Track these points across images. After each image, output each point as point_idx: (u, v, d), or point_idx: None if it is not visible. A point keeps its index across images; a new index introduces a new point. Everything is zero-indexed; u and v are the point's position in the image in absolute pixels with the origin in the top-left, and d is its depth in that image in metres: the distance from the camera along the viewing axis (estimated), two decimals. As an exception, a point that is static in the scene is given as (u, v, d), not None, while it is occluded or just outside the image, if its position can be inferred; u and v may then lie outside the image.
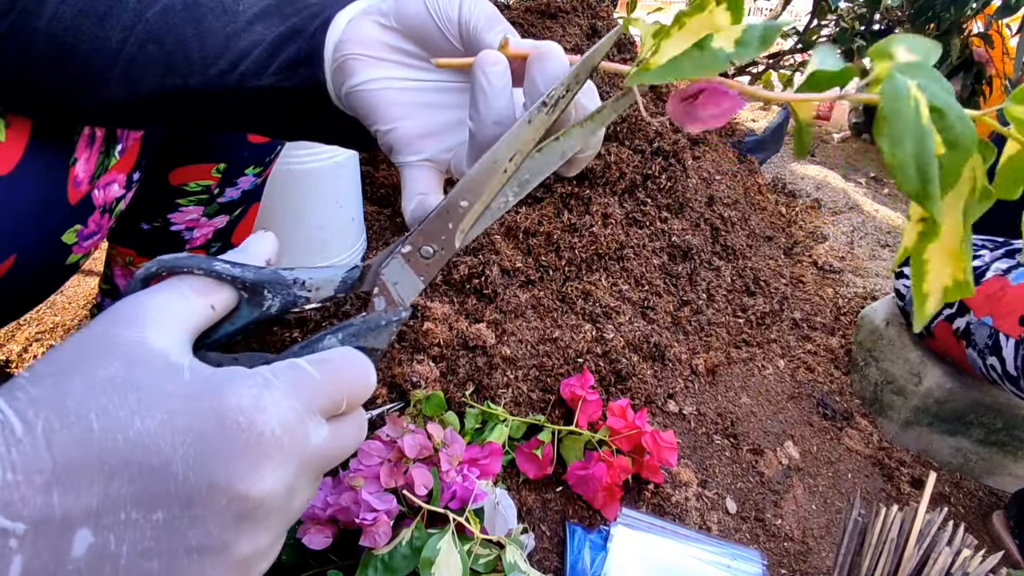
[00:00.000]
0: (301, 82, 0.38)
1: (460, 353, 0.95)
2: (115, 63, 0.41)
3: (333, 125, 0.42)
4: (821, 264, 1.47)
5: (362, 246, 1.04)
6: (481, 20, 0.34)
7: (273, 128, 0.44)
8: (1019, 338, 0.86)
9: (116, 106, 0.43)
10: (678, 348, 1.08)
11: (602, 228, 1.06)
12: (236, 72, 0.39)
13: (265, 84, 0.38)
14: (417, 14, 0.35)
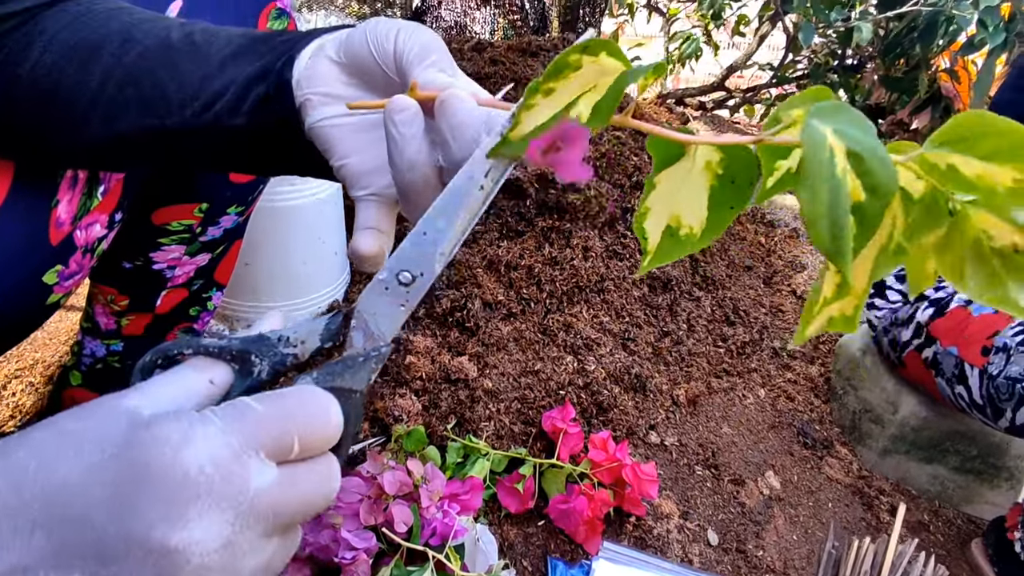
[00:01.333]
0: (274, 119, 0.39)
1: (442, 386, 0.96)
2: (96, 104, 0.42)
3: (309, 159, 0.41)
4: (800, 293, 1.49)
5: (345, 280, 1.05)
6: (413, 53, 0.34)
7: (252, 165, 0.45)
8: (982, 368, 0.88)
9: (96, 146, 0.44)
10: (659, 379, 1.09)
11: (582, 261, 1.07)
12: (211, 112, 0.40)
13: (239, 123, 0.39)
14: (360, 49, 0.36)
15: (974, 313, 0.94)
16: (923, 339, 1.00)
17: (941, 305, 0.99)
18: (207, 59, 0.40)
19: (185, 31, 0.42)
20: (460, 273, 1.03)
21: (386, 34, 0.35)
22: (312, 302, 0.98)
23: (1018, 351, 0.84)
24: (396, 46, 0.35)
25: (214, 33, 0.42)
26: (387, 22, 0.37)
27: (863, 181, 0.24)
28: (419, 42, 0.35)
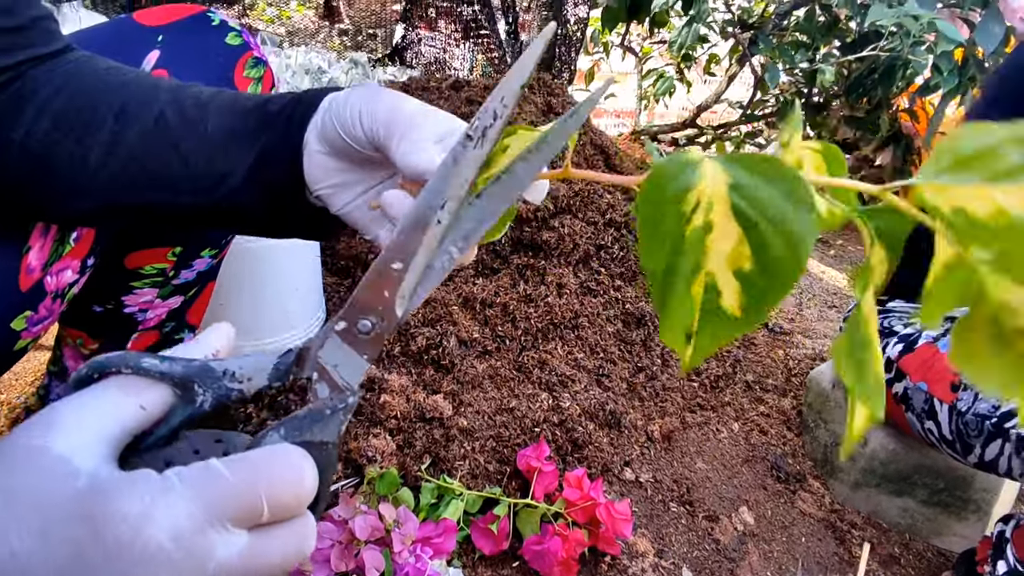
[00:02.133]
0: (289, 202, 0.42)
1: (417, 425, 0.96)
2: (96, 178, 0.43)
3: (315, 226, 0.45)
4: (772, 326, 1.52)
5: (321, 317, 1.05)
6: (381, 135, 0.36)
7: (258, 231, 0.47)
8: (951, 404, 0.90)
9: (91, 214, 0.46)
10: (634, 415, 1.10)
11: (557, 298, 1.09)
12: (220, 191, 0.42)
13: (251, 201, 0.42)
14: (335, 138, 0.38)
15: (942, 349, 0.97)
16: (893, 374, 1.03)
17: (910, 341, 1.02)
18: (206, 138, 0.42)
19: (177, 103, 0.44)
20: (435, 311, 1.04)
21: (350, 120, 0.37)
22: (287, 340, 0.98)
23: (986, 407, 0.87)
24: (364, 131, 0.37)
25: (204, 105, 0.44)
26: (343, 102, 0.39)
27: (756, 254, 0.21)
28: (382, 122, 0.36)
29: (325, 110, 0.40)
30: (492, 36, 2.06)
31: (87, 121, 0.42)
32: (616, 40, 2.17)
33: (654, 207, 0.22)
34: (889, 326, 1.08)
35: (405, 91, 1.57)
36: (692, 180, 0.22)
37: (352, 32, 3.18)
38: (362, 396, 0.96)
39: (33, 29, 0.45)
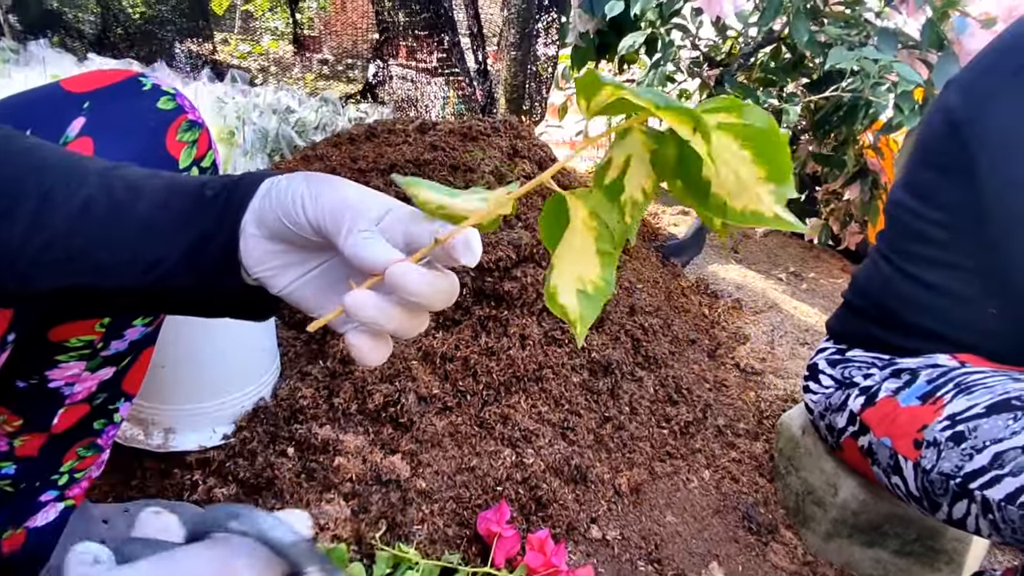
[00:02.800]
0: (224, 286, 0.42)
1: (373, 488, 0.92)
2: (15, 263, 0.41)
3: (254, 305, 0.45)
4: (743, 366, 1.51)
5: (274, 375, 1.01)
6: (328, 225, 0.37)
7: (192, 312, 0.46)
8: (915, 461, 0.88)
9: (9, 297, 0.44)
10: (600, 468, 1.07)
11: (520, 350, 1.06)
12: (150, 276, 0.41)
13: (186, 283, 0.41)
14: (277, 226, 0.39)
15: (901, 404, 0.94)
16: (857, 427, 1.00)
17: (871, 394, 1.00)
18: (138, 222, 0.42)
19: (107, 186, 0.43)
20: (394, 366, 1.01)
21: (293, 208, 0.38)
22: (235, 401, 0.94)
23: (947, 446, 0.84)
24: (308, 219, 0.38)
25: (135, 188, 0.43)
26: (284, 189, 0.40)
27: None
28: (327, 212, 0.37)
29: (263, 195, 0.41)
30: (463, 73, 2.06)
31: (7, 204, 0.40)
32: (587, 77, 2.18)
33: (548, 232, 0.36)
34: (850, 376, 1.06)
35: (371, 133, 1.56)
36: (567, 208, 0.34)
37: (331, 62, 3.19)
38: (314, 458, 0.93)
39: None
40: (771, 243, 2.41)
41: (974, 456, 0.80)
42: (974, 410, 0.83)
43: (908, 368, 0.97)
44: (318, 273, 0.42)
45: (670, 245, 1.76)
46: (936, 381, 0.91)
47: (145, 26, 2.38)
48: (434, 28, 1.97)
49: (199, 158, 0.69)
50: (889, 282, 1.01)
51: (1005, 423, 0.79)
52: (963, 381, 0.88)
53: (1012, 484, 0.75)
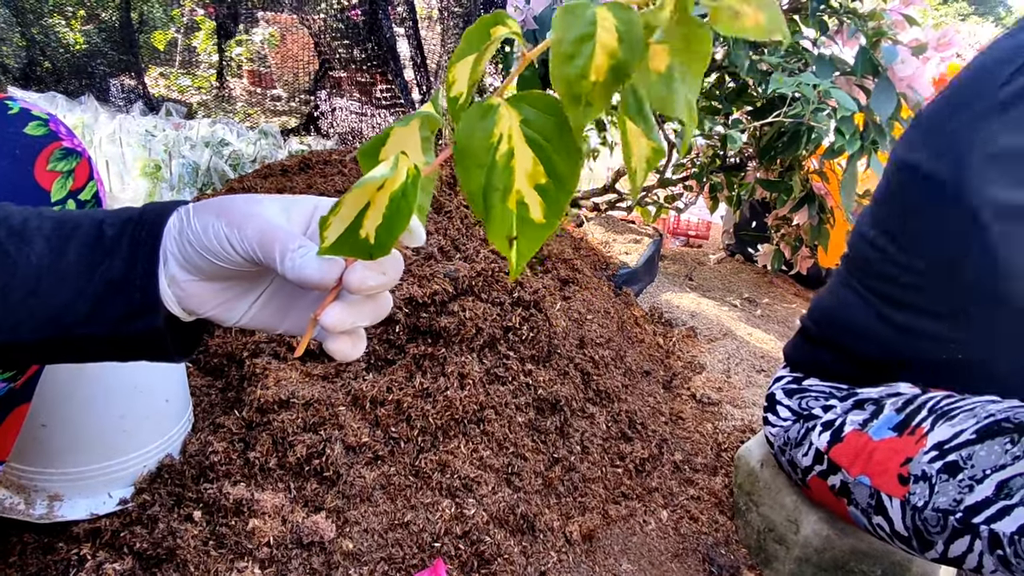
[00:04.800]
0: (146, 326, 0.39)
1: (293, 553, 0.82)
2: None
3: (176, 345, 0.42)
4: (699, 397, 1.46)
5: (184, 427, 0.91)
6: (259, 253, 0.37)
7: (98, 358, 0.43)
8: (903, 498, 0.82)
9: None
10: (549, 515, 0.99)
11: (459, 390, 0.99)
12: (52, 329, 0.39)
13: (96, 332, 0.39)
14: (209, 266, 0.38)
15: (874, 438, 0.89)
16: (826, 466, 0.95)
17: (835, 429, 0.94)
18: (32, 276, 0.38)
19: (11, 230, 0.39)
20: (318, 413, 0.92)
21: (219, 245, 0.37)
22: (135, 460, 0.84)
23: (940, 479, 0.78)
24: (239, 253, 0.37)
25: (20, 233, 0.39)
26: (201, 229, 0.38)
27: (546, 162, 0.30)
28: (255, 242, 0.37)
29: (178, 236, 0.39)
30: (407, 104, 2.02)
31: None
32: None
33: (467, 142, 0.30)
34: (808, 408, 1.02)
35: (305, 164, 1.49)
36: (493, 119, 0.30)
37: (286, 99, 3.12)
38: (225, 522, 0.83)
39: None
40: (725, 270, 2.40)
41: (975, 487, 0.74)
42: (963, 436, 0.77)
43: (870, 398, 0.93)
44: (268, 295, 0.43)
45: (622, 274, 1.72)
46: (906, 409, 0.86)
47: (75, 60, 2.28)
48: (376, 59, 1.93)
49: (76, 190, 0.61)
50: (852, 315, 0.97)
51: (1003, 448, 0.73)
52: (937, 407, 0.83)
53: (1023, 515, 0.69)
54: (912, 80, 1.48)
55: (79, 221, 0.40)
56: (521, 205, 0.30)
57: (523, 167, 0.30)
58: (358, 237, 0.32)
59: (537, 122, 0.30)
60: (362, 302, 0.37)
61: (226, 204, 0.39)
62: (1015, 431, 0.74)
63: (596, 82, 0.28)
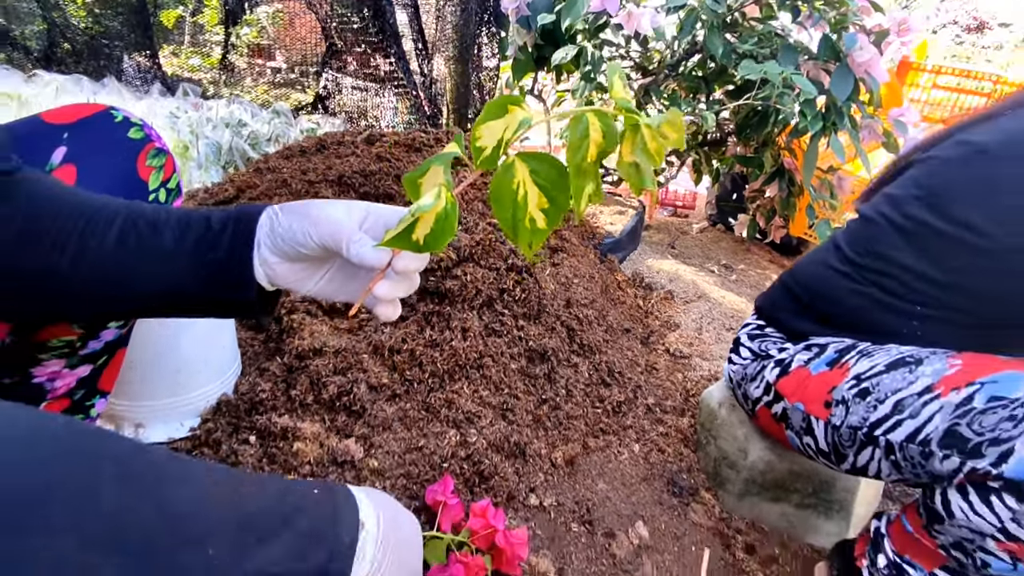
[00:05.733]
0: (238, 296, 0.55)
1: (330, 469, 1.02)
2: (64, 289, 0.53)
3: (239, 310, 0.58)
4: (672, 351, 1.66)
5: (236, 371, 1.10)
6: (332, 241, 0.52)
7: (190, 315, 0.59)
8: (826, 420, 1.01)
9: (56, 315, 0.59)
10: (538, 444, 1.19)
11: (462, 341, 1.18)
12: (174, 297, 0.55)
13: (200, 302, 0.55)
14: (295, 253, 0.54)
15: (812, 372, 1.07)
16: (772, 396, 1.14)
17: (784, 365, 1.13)
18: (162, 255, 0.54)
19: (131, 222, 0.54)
20: (346, 360, 1.11)
21: (302, 239, 0.53)
22: (199, 396, 1.03)
23: (854, 402, 0.97)
24: (316, 243, 0.52)
25: (153, 223, 0.55)
26: (288, 226, 0.53)
27: (549, 196, 0.48)
28: (328, 235, 0.52)
29: (269, 231, 0.54)
30: (409, 85, 2.16)
31: (51, 241, 0.51)
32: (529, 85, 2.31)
33: (498, 190, 0.48)
34: (765, 350, 1.20)
35: (321, 145, 1.65)
36: (512, 173, 0.47)
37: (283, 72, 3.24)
38: (275, 445, 1.02)
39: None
40: (706, 238, 2.58)
41: (878, 407, 0.91)
42: (875, 368, 0.95)
43: (818, 343, 1.11)
44: (331, 273, 0.58)
45: (607, 242, 1.90)
46: (842, 350, 1.05)
47: (92, 41, 2.41)
48: (380, 42, 2.07)
49: (165, 180, 0.78)
50: (840, 294, 1.06)
51: (902, 375, 0.91)
52: (865, 349, 1.02)
53: (911, 425, 0.87)
54: (868, 66, 1.64)
55: (193, 217, 0.56)
56: (532, 222, 0.48)
57: (533, 201, 0.47)
58: (411, 239, 0.49)
59: (541, 171, 0.47)
60: (402, 279, 0.53)
61: (306, 207, 0.55)
62: (914, 363, 0.93)
63: (590, 162, 0.47)
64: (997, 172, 0.87)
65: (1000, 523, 0.76)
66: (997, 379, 0.81)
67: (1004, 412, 0.77)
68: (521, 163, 0.47)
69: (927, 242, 0.95)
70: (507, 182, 0.47)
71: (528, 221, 0.48)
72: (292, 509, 0.50)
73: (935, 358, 0.91)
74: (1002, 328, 0.92)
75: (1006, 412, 0.77)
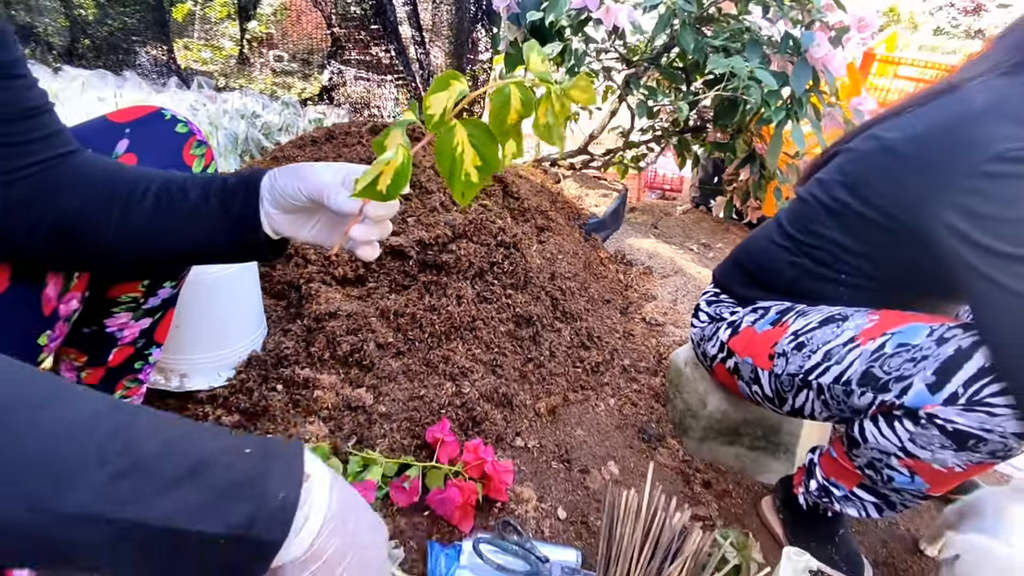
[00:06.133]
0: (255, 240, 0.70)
1: (345, 413, 1.20)
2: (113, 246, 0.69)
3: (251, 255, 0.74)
4: (648, 320, 1.83)
5: (263, 332, 1.28)
6: (316, 195, 0.64)
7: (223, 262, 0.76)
8: (770, 370, 1.18)
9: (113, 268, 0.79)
10: (523, 396, 1.38)
11: (457, 306, 1.36)
12: (207, 247, 0.71)
13: (228, 249, 0.70)
14: (287, 204, 0.67)
15: (758, 331, 1.25)
16: (725, 353, 1.32)
17: (735, 326, 1.31)
18: (193, 212, 0.69)
19: (165, 187, 0.70)
20: (356, 322, 1.29)
21: (293, 193, 0.66)
22: (233, 352, 1.21)
23: (792, 354, 1.14)
24: (305, 196, 0.65)
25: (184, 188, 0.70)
26: (283, 185, 0.67)
27: (481, 155, 0.59)
28: (315, 189, 0.64)
29: (269, 188, 0.68)
30: (408, 76, 2.32)
31: (104, 203, 0.67)
32: (521, 77, 2.47)
33: (441, 149, 0.58)
34: (719, 313, 1.38)
35: (330, 137, 1.82)
36: (453, 134, 0.58)
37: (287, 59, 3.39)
38: (298, 393, 1.21)
39: (56, 137, 0.69)
40: (688, 219, 2.75)
41: (811, 356, 1.09)
42: (810, 325, 1.12)
43: (763, 307, 1.29)
44: (321, 223, 0.70)
45: (592, 223, 2.07)
46: (782, 311, 1.22)
47: (111, 37, 2.56)
48: (381, 37, 2.22)
49: (206, 166, 0.96)
50: (781, 266, 1.21)
51: (831, 330, 1.09)
52: (801, 310, 1.19)
53: (837, 370, 1.04)
54: (825, 60, 1.80)
55: (214, 181, 0.71)
56: (467, 175, 0.59)
57: (468, 158, 0.58)
58: (375, 189, 0.62)
59: (475, 134, 0.58)
60: (373, 225, 0.63)
61: (298, 169, 0.68)
62: (841, 319, 1.10)
63: (511, 124, 0.63)
64: (898, 167, 1.02)
65: (901, 443, 0.94)
66: (904, 330, 0.98)
67: (907, 355, 0.94)
68: (461, 127, 0.58)
69: (849, 221, 1.11)
70: (448, 141, 0.58)
71: (463, 175, 0.59)
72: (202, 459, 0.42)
73: (858, 315, 1.08)
74: (905, 290, 1.10)
75: (908, 355, 0.94)
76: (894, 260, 1.09)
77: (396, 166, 0.59)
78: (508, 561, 1.04)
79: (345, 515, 0.47)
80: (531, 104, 0.61)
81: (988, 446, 0.84)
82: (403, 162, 0.60)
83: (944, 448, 0.87)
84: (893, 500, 1.01)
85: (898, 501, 1.01)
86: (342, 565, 0.46)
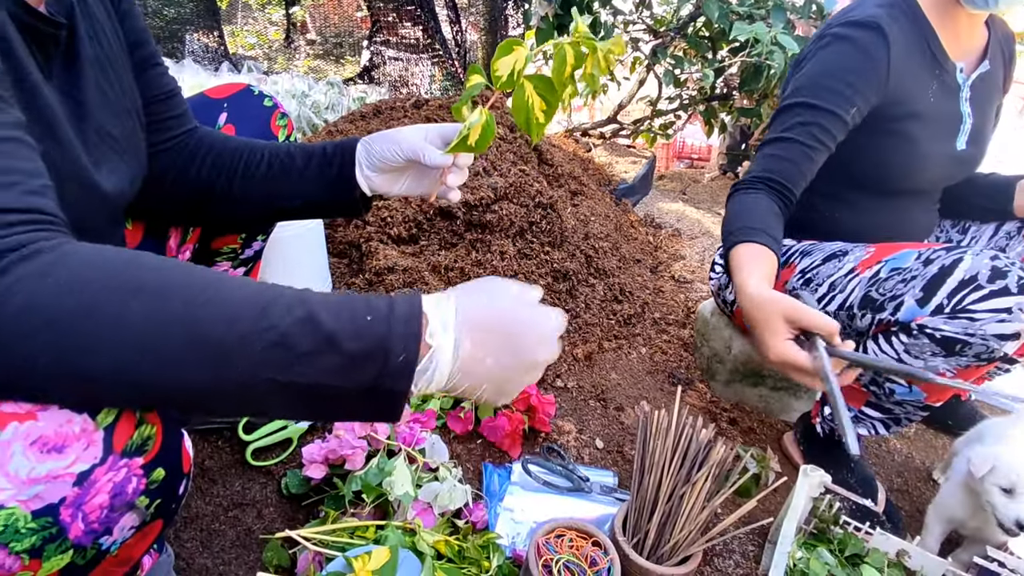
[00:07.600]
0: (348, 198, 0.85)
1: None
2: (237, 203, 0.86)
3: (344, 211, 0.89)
4: (677, 277, 1.94)
5: (328, 286, 1.44)
6: (412, 152, 0.79)
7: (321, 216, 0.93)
8: None
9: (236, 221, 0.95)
10: (562, 343, 1.51)
11: (500, 262, 1.49)
12: (308, 205, 0.86)
13: (326, 205, 0.86)
14: (384, 165, 0.83)
15: None
16: None
17: None
18: (299, 174, 0.85)
19: (275, 154, 0.86)
20: (411, 276, 1.44)
21: (390, 155, 0.82)
22: (307, 303, 1.37)
23: (801, 289, 1.26)
24: (402, 156, 0.80)
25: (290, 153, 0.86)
26: (379, 148, 0.82)
27: (546, 101, 0.75)
28: (409, 149, 0.79)
29: (366, 154, 0.83)
30: (444, 54, 2.44)
31: (227, 169, 0.82)
32: (551, 51, 2.57)
33: (517, 102, 0.75)
34: None
35: (377, 112, 1.96)
36: (524, 89, 0.74)
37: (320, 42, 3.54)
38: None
39: (185, 115, 0.84)
40: (716, 186, 2.83)
41: (818, 289, 1.20)
42: (815, 263, 1.24)
43: None
44: (410, 177, 0.84)
45: (622, 188, 2.18)
46: (789, 254, 1.33)
47: (169, 26, 2.74)
48: (418, 17, 2.34)
49: (288, 135, 1.10)
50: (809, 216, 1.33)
51: (834, 265, 1.20)
52: (804, 249, 1.30)
53: (841, 298, 1.15)
54: (848, 23, 1.86)
55: (315, 149, 0.86)
56: (537, 119, 0.74)
57: (536, 104, 0.73)
58: (466, 144, 0.78)
59: (540, 86, 0.73)
60: (460, 172, 0.81)
61: (392, 134, 0.83)
62: (842, 255, 1.21)
63: (567, 75, 0.75)
64: None
65: (898, 355, 1.05)
66: (896, 256, 1.08)
67: (898, 277, 1.05)
68: (528, 82, 0.73)
69: None
70: (521, 95, 0.73)
71: (535, 120, 0.75)
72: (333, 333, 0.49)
73: (857, 249, 1.19)
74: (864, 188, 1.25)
75: (899, 277, 1.05)
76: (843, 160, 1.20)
77: (482, 123, 0.74)
78: (553, 479, 1.19)
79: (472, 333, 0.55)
80: (581, 59, 0.75)
81: (973, 349, 0.94)
82: (488, 120, 0.75)
83: (935, 356, 0.98)
84: (897, 414, 1.12)
85: (902, 415, 1.12)
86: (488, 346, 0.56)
